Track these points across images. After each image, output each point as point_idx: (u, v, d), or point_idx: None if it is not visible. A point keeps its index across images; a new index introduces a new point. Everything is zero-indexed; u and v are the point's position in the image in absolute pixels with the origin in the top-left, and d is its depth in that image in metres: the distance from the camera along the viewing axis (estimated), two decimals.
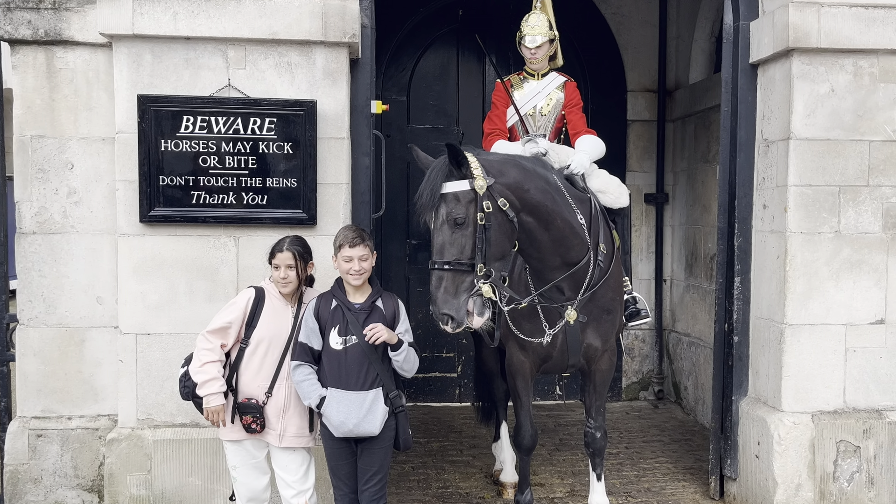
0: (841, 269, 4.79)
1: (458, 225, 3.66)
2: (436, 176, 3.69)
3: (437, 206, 3.68)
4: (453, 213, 3.66)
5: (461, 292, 3.65)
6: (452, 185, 3.69)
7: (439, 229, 3.68)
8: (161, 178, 4.55)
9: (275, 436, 3.92)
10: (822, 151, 4.74)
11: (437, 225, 3.69)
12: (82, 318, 4.87)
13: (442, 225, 3.67)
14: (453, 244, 3.67)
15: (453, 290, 3.64)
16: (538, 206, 3.97)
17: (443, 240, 3.67)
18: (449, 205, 3.67)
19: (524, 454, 4.70)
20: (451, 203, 3.68)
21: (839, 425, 4.80)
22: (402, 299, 4.05)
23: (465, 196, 3.69)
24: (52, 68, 4.79)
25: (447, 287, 3.64)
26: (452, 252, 3.66)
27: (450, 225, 3.66)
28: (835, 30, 4.66)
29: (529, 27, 5.06)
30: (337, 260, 3.89)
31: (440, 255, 3.67)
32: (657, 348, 7.76)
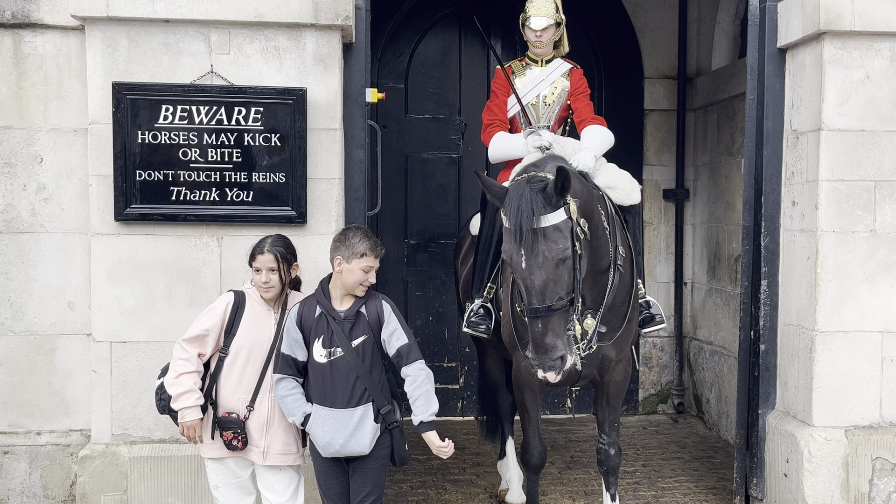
0: (877, 272, 4.77)
1: (561, 262, 3.59)
2: (528, 208, 3.59)
3: (534, 242, 3.58)
4: (557, 248, 3.58)
5: (562, 332, 3.62)
6: (552, 217, 3.60)
7: (540, 268, 3.58)
8: (138, 172, 4.54)
9: (258, 453, 3.90)
10: (856, 143, 4.73)
11: (535, 263, 3.58)
12: (52, 325, 4.87)
13: (544, 263, 3.58)
14: (558, 282, 3.60)
15: (560, 331, 3.61)
16: (592, 215, 3.96)
17: (545, 279, 3.58)
18: (550, 240, 3.58)
19: (532, 473, 4.69)
20: (552, 237, 3.59)
21: (875, 441, 4.78)
22: (399, 304, 4.03)
23: (566, 227, 3.63)
24: (20, 54, 4.79)
25: (556, 330, 3.59)
26: (556, 291, 3.60)
27: (556, 263, 3.59)
28: (870, 11, 4.65)
29: (535, 8, 5.04)
30: (350, 266, 3.78)
31: (542, 298, 3.59)
32: (677, 358, 7.74)
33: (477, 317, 4.78)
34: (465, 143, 7.40)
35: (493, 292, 4.79)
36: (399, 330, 3.85)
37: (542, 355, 3.60)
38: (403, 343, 3.83)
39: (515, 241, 3.61)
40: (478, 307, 4.80)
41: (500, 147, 5.06)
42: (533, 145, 4.74)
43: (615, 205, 4.53)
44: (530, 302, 3.62)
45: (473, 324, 4.77)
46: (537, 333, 3.60)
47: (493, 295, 4.80)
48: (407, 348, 3.83)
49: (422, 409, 3.79)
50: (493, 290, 4.78)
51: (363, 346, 3.81)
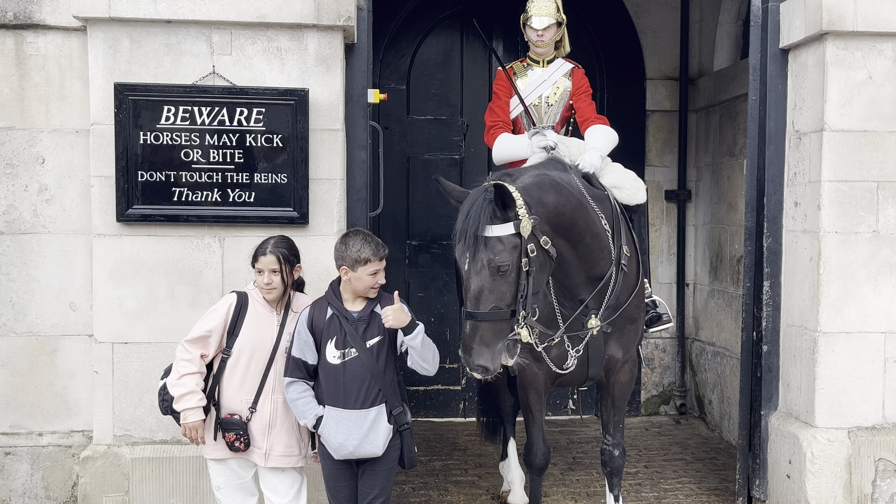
0: (880, 272, 4.77)
1: (500, 273, 3.59)
2: (476, 216, 3.60)
3: (476, 249, 3.59)
4: (497, 260, 3.58)
5: (497, 340, 3.62)
6: (497, 228, 3.60)
7: (477, 274, 3.60)
8: (140, 173, 4.55)
9: (260, 455, 3.90)
10: (858, 144, 4.72)
11: (474, 269, 3.60)
12: (54, 326, 4.87)
13: (481, 270, 3.59)
14: (493, 291, 3.60)
15: (489, 340, 3.61)
16: (572, 226, 3.95)
17: (480, 286, 3.59)
18: (492, 251, 3.58)
19: (536, 474, 4.68)
20: (494, 248, 3.59)
21: (878, 442, 4.77)
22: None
23: (510, 241, 3.61)
24: (22, 54, 4.79)
25: (483, 337, 3.59)
26: (491, 300, 3.60)
27: (491, 272, 3.59)
28: (872, 12, 4.64)
29: (536, 7, 5.04)
30: (356, 273, 3.78)
31: (476, 304, 3.60)
32: (679, 359, 7.74)
33: None
34: (467, 144, 7.40)
35: None
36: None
37: (466, 356, 3.62)
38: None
39: (460, 243, 3.65)
40: None
41: (505, 148, 5.06)
42: (538, 146, 4.73)
43: (621, 204, 4.53)
44: (466, 305, 3.66)
45: None
46: (466, 336, 3.62)
47: None
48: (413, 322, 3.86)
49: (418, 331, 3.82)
50: None
51: (378, 346, 3.82)
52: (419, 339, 3.79)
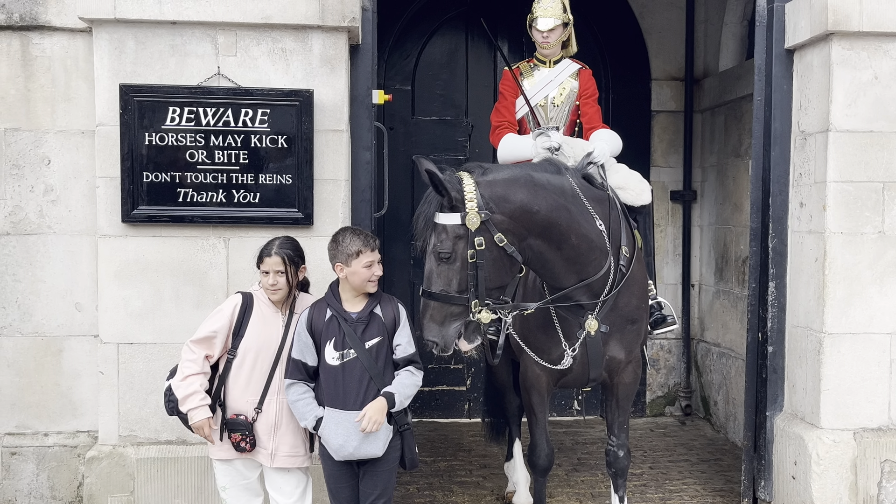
0: (885, 273, 4.76)
1: (444, 259, 3.71)
2: (429, 203, 3.76)
3: (427, 231, 3.76)
4: (439, 247, 3.71)
5: (449, 322, 3.74)
6: (444, 217, 3.71)
7: (428, 257, 3.76)
8: (145, 174, 4.56)
9: (266, 455, 3.91)
10: (864, 144, 4.71)
11: (427, 251, 3.77)
12: (60, 326, 4.89)
13: (430, 254, 3.75)
14: (440, 276, 3.73)
15: (440, 319, 3.73)
16: (550, 226, 3.94)
17: (430, 269, 3.75)
18: (438, 237, 3.72)
19: (539, 475, 4.68)
20: (440, 235, 3.72)
21: (884, 443, 4.76)
22: (406, 306, 4.02)
23: (454, 231, 3.70)
24: (28, 56, 4.81)
25: (433, 315, 3.73)
26: (439, 284, 3.73)
27: (436, 258, 3.72)
28: (878, 12, 4.64)
29: (542, 8, 5.03)
30: (351, 268, 3.81)
31: (428, 284, 3.76)
32: (684, 360, 7.73)
33: None
34: (472, 144, 7.39)
35: None
36: (409, 338, 3.91)
37: (420, 331, 3.76)
38: (411, 352, 3.91)
39: (418, 228, 3.82)
40: None
41: (510, 149, 5.05)
42: (542, 146, 4.73)
43: (623, 204, 4.52)
44: (423, 283, 3.80)
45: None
46: (420, 313, 3.76)
47: None
48: (412, 357, 3.92)
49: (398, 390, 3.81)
50: None
51: (377, 347, 3.82)
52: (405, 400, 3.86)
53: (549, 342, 4.34)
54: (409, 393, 3.86)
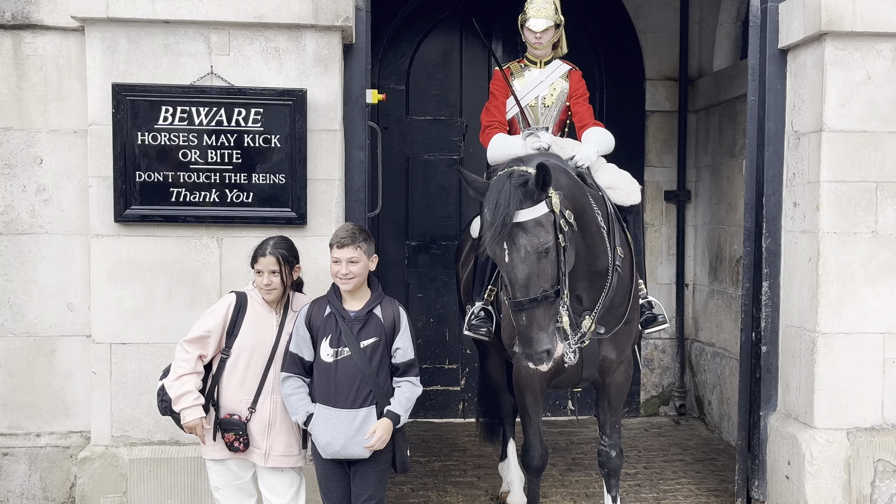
0: (878, 273, 4.77)
1: (545, 254, 3.61)
2: (506, 202, 3.60)
3: (513, 236, 3.60)
4: (538, 242, 3.59)
5: (551, 324, 3.63)
6: (530, 211, 3.62)
7: (522, 261, 3.60)
8: (138, 173, 4.55)
9: (260, 455, 3.90)
10: (857, 144, 4.72)
11: (516, 257, 3.61)
12: (52, 327, 4.87)
13: (526, 257, 3.60)
14: (541, 275, 3.62)
15: (545, 324, 3.62)
16: (582, 212, 3.96)
17: (528, 272, 3.60)
18: (531, 233, 3.60)
19: (533, 475, 4.68)
20: (533, 231, 3.60)
21: (877, 443, 4.77)
22: (400, 306, 4.02)
23: (547, 220, 3.64)
24: (20, 55, 4.79)
25: (540, 323, 3.60)
26: (540, 284, 3.61)
27: (538, 256, 3.60)
28: (871, 12, 4.64)
29: (535, 9, 5.03)
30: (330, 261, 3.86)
31: (526, 291, 3.60)
32: (678, 359, 7.74)
33: (478, 320, 4.78)
34: (467, 144, 7.39)
35: (493, 295, 4.79)
36: (409, 343, 3.90)
37: (527, 348, 3.61)
38: (410, 358, 3.89)
39: (496, 234, 3.62)
40: (478, 310, 4.80)
41: (499, 149, 5.05)
42: (532, 147, 4.74)
43: (615, 205, 4.53)
44: (514, 295, 3.64)
45: (474, 327, 4.77)
46: (522, 326, 3.62)
47: (493, 297, 4.80)
48: (412, 363, 3.90)
49: (403, 407, 3.83)
50: (493, 292, 4.78)
51: (372, 347, 3.81)
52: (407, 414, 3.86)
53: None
54: (410, 406, 3.87)
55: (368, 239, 3.86)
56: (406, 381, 3.86)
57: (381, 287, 3.99)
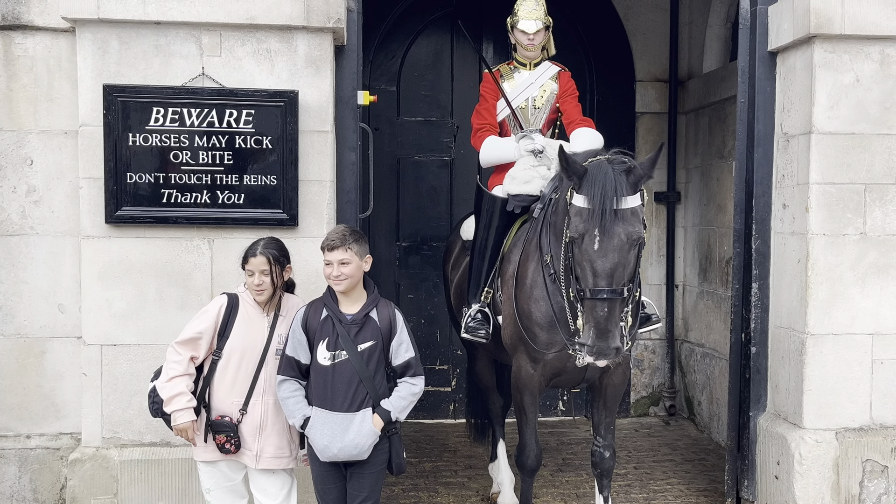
0: (867, 274, 4.79)
1: (635, 245, 3.60)
2: (612, 187, 3.59)
3: (612, 223, 3.58)
4: (633, 231, 3.59)
5: (619, 321, 3.62)
6: (631, 199, 3.62)
7: (615, 250, 3.59)
8: (129, 174, 4.54)
9: (251, 457, 3.90)
10: (846, 146, 4.75)
11: (609, 246, 3.59)
12: (43, 328, 4.85)
13: (620, 246, 3.58)
14: (626, 267, 3.61)
15: (619, 319, 3.60)
16: None
17: (616, 262, 3.59)
18: (628, 223, 3.59)
19: (528, 475, 4.68)
20: (630, 220, 3.60)
21: (865, 443, 4.80)
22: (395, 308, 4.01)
23: (641, 213, 3.67)
24: (10, 55, 4.77)
25: (616, 318, 3.58)
26: (624, 276, 3.59)
27: (630, 245, 3.59)
28: (860, 15, 4.67)
29: (526, 11, 5.03)
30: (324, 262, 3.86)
31: (611, 281, 3.57)
32: (668, 360, 7.76)
33: (475, 322, 4.77)
34: (457, 145, 7.40)
35: (489, 297, 4.79)
36: (408, 342, 3.88)
37: (602, 341, 3.56)
38: (412, 356, 3.87)
39: (593, 220, 3.60)
40: (475, 312, 4.80)
41: (492, 151, 5.06)
42: (525, 149, 4.75)
43: None
44: (597, 284, 3.60)
45: (472, 329, 4.77)
46: (601, 318, 3.57)
47: (489, 299, 4.80)
48: (415, 361, 3.88)
49: (394, 406, 3.81)
50: (489, 294, 4.78)
51: (369, 351, 3.80)
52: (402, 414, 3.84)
53: (551, 341, 4.31)
54: (406, 405, 3.85)
55: (360, 240, 3.85)
56: (404, 382, 3.86)
57: (377, 289, 3.98)
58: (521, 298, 4.41)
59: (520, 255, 4.55)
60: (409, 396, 3.85)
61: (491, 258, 4.80)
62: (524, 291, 4.40)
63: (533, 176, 4.73)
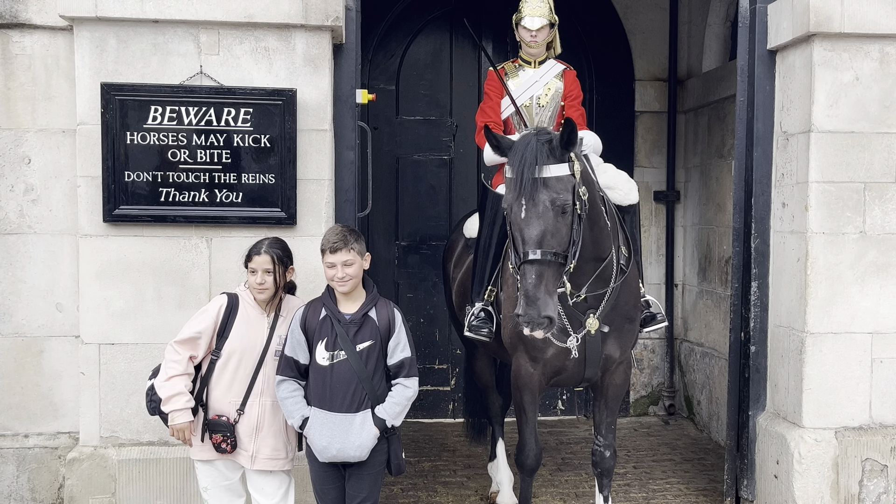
0: (866, 273, 4.78)
1: (563, 213, 3.62)
2: (533, 156, 3.63)
3: (535, 190, 3.61)
4: (560, 199, 3.62)
5: (554, 291, 3.60)
6: (554, 168, 3.65)
7: (539, 217, 3.61)
8: (126, 173, 4.53)
9: (247, 457, 3.88)
10: (845, 145, 4.74)
11: (534, 212, 3.61)
12: (41, 327, 4.84)
13: (544, 212, 3.61)
14: (555, 234, 3.62)
15: (552, 289, 3.58)
16: (594, 201, 3.98)
17: (544, 228, 3.60)
18: (553, 190, 3.62)
19: (527, 475, 4.67)
20: (554, 187, 3.63)
21: (865, 442, 4.79)
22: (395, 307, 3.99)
23: (568, 181, 3.68)
24: (8, 54, 4.76)
25: (547, 286, 3.56)
26: (553, 244, 3.60)
27: (555, 212, 3.62)
28: (859, 13, 4.66)
29: (530, 7, 5.01)
30: (323, 265, 3.83)
31: (538, 246, 3.58)
32: (668, 359, 7.75)
33: (478, 320, 4.75)
34: (457, 144, 7.39)
35: (493, 295, 4.77)
36: (405, 342, 3.85)
37: (531, 309, 3.54)
38: (407, 356, 3.84)
39: (516, 189, 3.63)
40: (479, 311, 4.77)
41: None
42: None
43: (614, 205, 4.51)
44: (525, 253, 3.61)
45: (475, 328, 4.74)
46: (529, 285, 3.56)
47: (493, 298, 4.78)
48: (410, 361, 3.85)
49: (388, 412, 3.79)
50: (493, 293, 4.76)
51: (368, 351, 3.78)
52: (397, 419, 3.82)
53: (546, 340, 4.27)
54: (401, 410, 3.82)
55: (359, 239, 3.84)
56: (398, 384, 3.84)
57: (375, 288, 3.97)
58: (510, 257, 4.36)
59: None
60: (404, 401, 3.82)
61: (495, 256, 4.78)
62: None
63: None
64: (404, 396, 3.82)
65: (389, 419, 3.77)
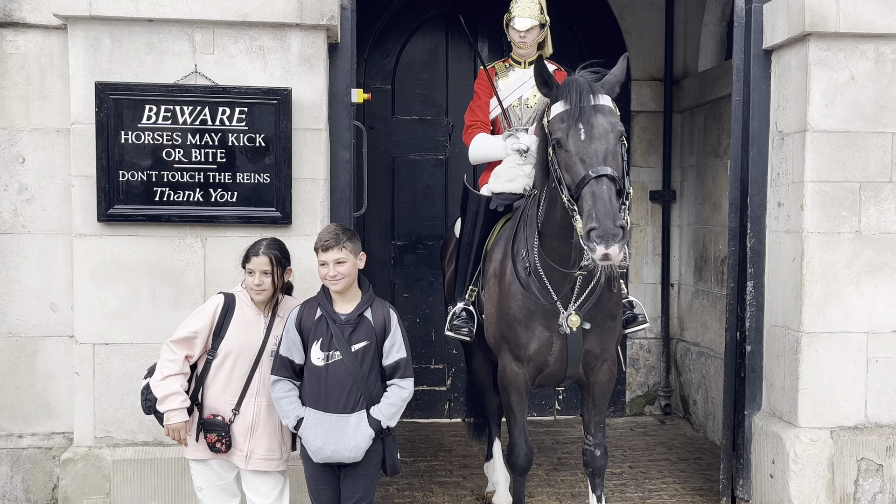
0: (862, 273, 4.79)
1: (619, 139, 3.70)
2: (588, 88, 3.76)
3: (593, 115, 3.70)
4: (617, 126, 3.71)
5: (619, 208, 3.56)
6: (607, 99, 3.79)
7: (601, 137, 3.66)
8: (121, 173, 4.51)
9: (241, 457, 3.88)
10: (841, 144, 4.74)
11: (595, 133, 3.66)
12: (35, 327, 4.83)
13: (605, 134, 3.67)
14: (615, 157, 3.66)
15: (617, 207, 3.53)
16: None
17: (607, 148, 3.65)
18: (610, 116, 3.73)
19: (518, 475, 4.67)
20: (610, 114, 3.73)
21: (860, 442, 4.79)
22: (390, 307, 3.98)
23: (616, 112, 3.82)
24: (2, 53, 4.76)
25: (613, 202, 3.52)
26: (614, 164, 3.63)
27: (614, 135, 3.69)
28: (854, 13, 4.66)
29: (520, 8, 5.02)
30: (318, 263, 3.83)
31: (604, 161, 3.60)
32: (664, 359, 7.75)
33: (459, 320, 4.77)
34: (452, 144, 7.38)
35: (474, 295, 4.78)
36: (400, 342, 3.84)
37: (607, 220, 3.46)
38: (403, 357, 3.83)
39: (573, 116, 3.71)
40: (460, 310, 4.79)
41: (480, 149, 5.07)
42: (511, 147, 4.74)
43: None
44: (587, 173, 3.58)
45: (456, 327, 4.76)
46: (602, 198, 3.50)
47: (474, 298, 4.79)
48: (405, 362, 3.84)
49: (384, 413, 3.78)
50: (475, 292, 4.77)
51: (363, 351, 3.77)
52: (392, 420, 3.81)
53: (531, 336, 4.31)
54: (396, 411, 3.82)
55: (353, 238, 3.83)
56: (393, 385, 3.83)
57: (371, 288, 3.96)
58: (501, 296, 4.40)
59: (501, 254, 4.54)
60: (399, 402, 3.81)
61: (476, 256, 4.80)
62: (504, 289, 4.39)
63: (517, 174, 4.72)
64: (399, 397, 3.81)
65: (385, 420, 3.76)
